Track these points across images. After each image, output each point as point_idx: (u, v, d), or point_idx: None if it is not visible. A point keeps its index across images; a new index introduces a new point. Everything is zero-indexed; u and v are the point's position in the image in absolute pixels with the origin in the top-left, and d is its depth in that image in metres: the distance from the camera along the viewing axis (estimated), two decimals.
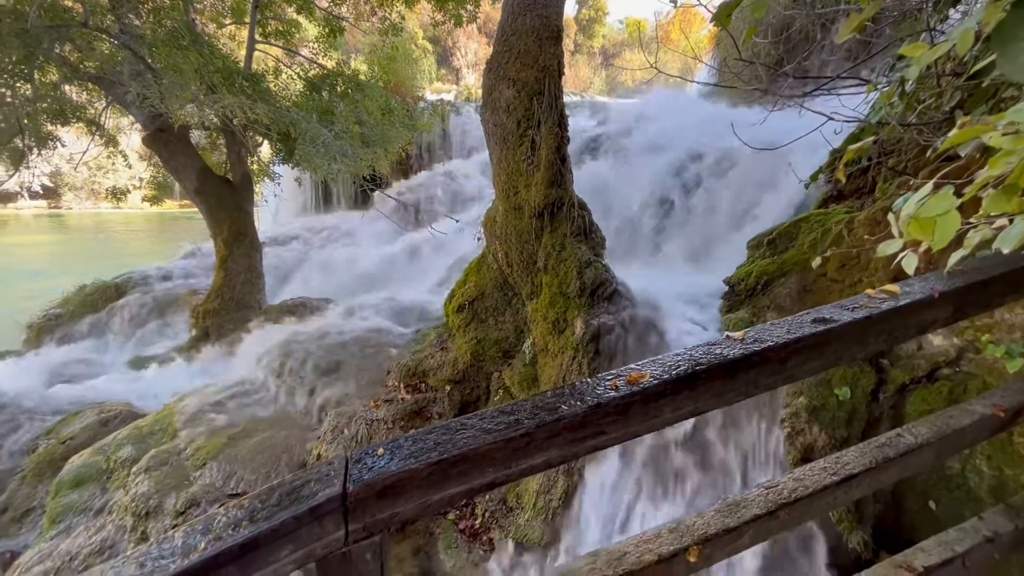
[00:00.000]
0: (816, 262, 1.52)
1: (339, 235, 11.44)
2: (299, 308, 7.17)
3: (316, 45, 9.33)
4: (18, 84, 6.60)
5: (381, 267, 9.46)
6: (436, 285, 7.54)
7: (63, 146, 8.12)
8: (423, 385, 3.83)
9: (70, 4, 6.78)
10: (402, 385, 3.82)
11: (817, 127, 2.37)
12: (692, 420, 2.86)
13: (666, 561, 1.35)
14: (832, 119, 2.15)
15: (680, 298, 3.57)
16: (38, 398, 5.53)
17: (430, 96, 19.09)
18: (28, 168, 7.83)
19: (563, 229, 3.24)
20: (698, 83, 4.65)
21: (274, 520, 0.99)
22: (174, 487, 3.18)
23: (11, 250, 23.29)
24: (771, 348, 1.26)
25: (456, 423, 1.16)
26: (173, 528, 2.97)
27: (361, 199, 14.41)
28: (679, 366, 1.23)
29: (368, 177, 8.73)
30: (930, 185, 1.12)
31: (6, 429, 4.80)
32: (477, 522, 3.02)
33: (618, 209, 6.12)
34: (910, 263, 1.24)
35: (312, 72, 8.10)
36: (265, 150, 8.80)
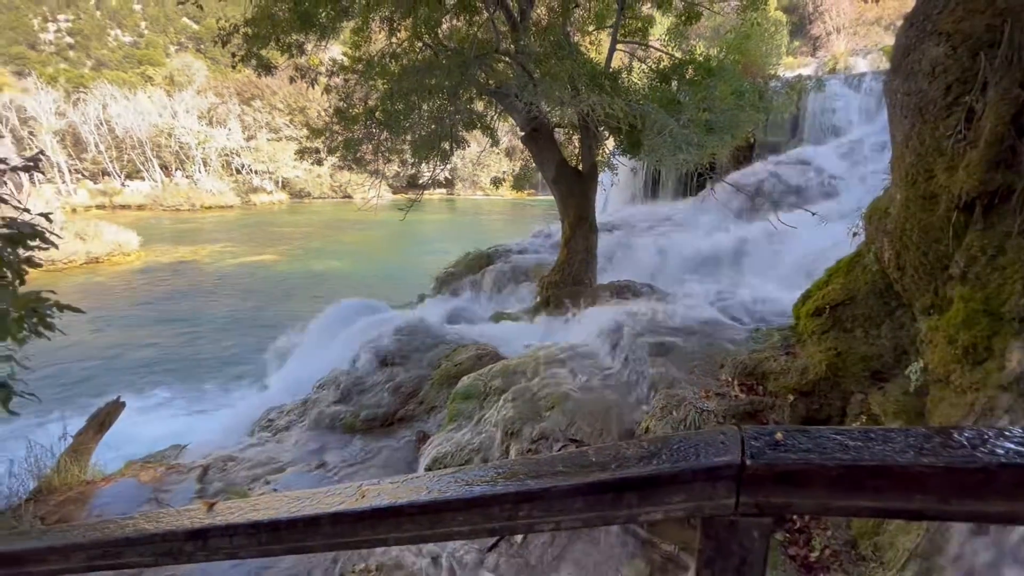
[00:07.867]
0: None
1: (667, 223, 11.63)
2: (625, 290, 7.67)
3: (666, 37, 9.53)
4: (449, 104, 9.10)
5: (710, 257, 9.16)
6: (775, 282, 6.80)
7: (468, 146, 10.81)
8: (760, 388, 3.53)
9: (485, 36, 8.87)
10: (736, 382, 3.62)
11: None
12: None
13: None
14: None
15: None
16: (441, 329, 7.70)
17: (784, 73, 16.95)
18: (446, 165, 10.77)
19: (1003, 226, 2.36)
20: None
21: (675, 467, 1.09)
22: (530, 419, 3.95)
23: (425, 225, 33.24)
24: None
25: (874, 431, 1.03)
26: (528, 451, 3.69)
27: (689, 188, 14.22)
28: None
29: (707, 165, 8.52)
30: None
31: (426, 347, 6.92)
32: (812, 555, 2.63)
33: None
34: None
35: (663, 64, 8.33)
36: (609, 142, 9.62)
